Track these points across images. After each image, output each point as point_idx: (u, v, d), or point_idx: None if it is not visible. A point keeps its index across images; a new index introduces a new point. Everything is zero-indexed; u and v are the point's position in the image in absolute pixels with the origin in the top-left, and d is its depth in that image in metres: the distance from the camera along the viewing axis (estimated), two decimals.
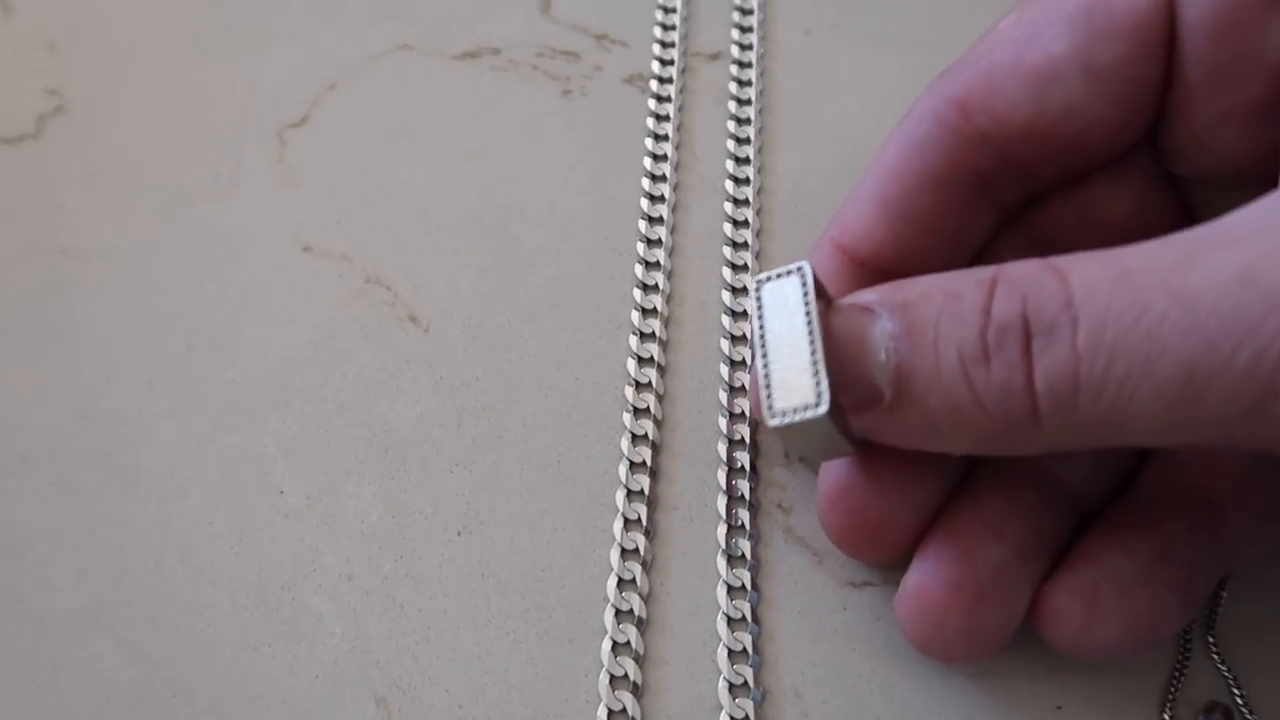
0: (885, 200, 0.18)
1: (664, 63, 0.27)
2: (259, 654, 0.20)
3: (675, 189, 0.25)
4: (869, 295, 0.16)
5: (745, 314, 0.23)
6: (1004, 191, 0.19)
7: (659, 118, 0.26)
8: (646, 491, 0.21)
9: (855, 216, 0.19)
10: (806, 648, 0.20)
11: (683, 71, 0.27)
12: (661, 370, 0.23)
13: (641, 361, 0.23)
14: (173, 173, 0.26)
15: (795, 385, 0.16)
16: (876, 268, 0.19)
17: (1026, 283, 0.15)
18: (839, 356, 0.16)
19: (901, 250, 0.19)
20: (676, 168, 0.25)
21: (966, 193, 0.18)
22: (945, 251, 0.19)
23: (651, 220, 0.25)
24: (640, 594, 0.20)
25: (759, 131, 0.26)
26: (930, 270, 0.17)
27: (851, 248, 0.19)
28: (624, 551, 0.21)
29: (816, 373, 0.16)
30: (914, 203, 0.18)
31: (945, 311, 0.15)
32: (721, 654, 0.20)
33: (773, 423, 0.16)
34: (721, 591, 0.20)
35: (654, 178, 0.25)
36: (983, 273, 0.15)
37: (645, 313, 0.23)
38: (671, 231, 0.25)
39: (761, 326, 0.17)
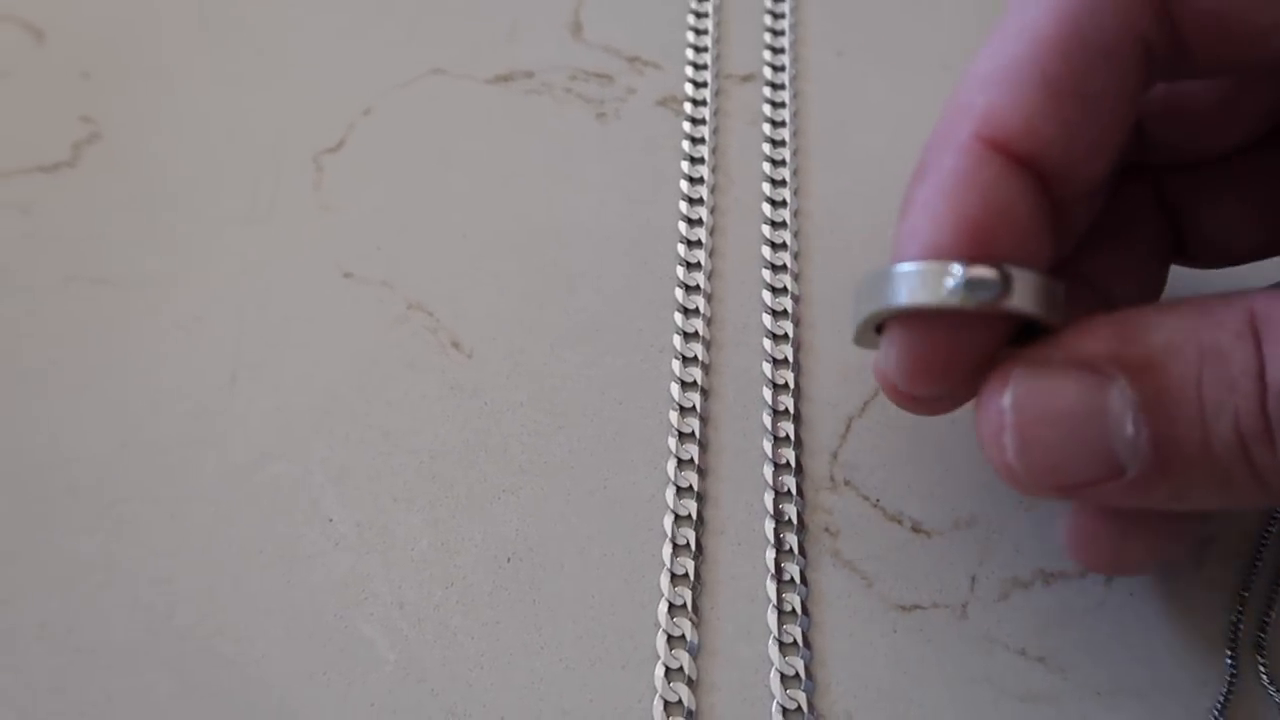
0: (1051, 79, 0.14)
1: (697, 85, 0.27)
2: (313, 683, 0.20)
3: (712, 212, 0.25)
4: (1093, 347, 0.14)
5: (785, 337, 0.24)
6: (1154, 78, 0.16)
7: (694, 140, 0.26)
8: (694, 516, 0.22)
9: (1012, 104, 0.15)
10: (858, 671, 0.20)
11: (716, 93, 0.27)
12: (704, 394, 0.23)
13: (685, 385, 0.23)
14: (211, 200, 0.26)
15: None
16: (1039, 167, 0.15)
17: None
18: (1066, 428, 0.14)
19: (1070, 145, 0.15)
20: (713, 190, 0.26)
21: (1135, 72, 0.15)
22: (1112, 146, 0.16)
23: (690, 244, 0.25)
24: (691, 619, 0.21)
25: (794, 153, 0.26)
26: (1095, 170, 0.15)
27: (1010, 143, 0.15)
28: (673, 576, 0.21)
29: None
30: (1087, 82, 0.14)
31: (1208, 375, 0.13)
32: (774, 679, 0.20)
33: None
34: (772, 616, 0.20)
35: (691, 200, 0.25)
36: (1232, 314, 0.13)
37: (687, 336, 0.24)
38: (710, 254, 0.25)
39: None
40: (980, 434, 0.15)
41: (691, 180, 0.26)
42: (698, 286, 0.24)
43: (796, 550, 0.21)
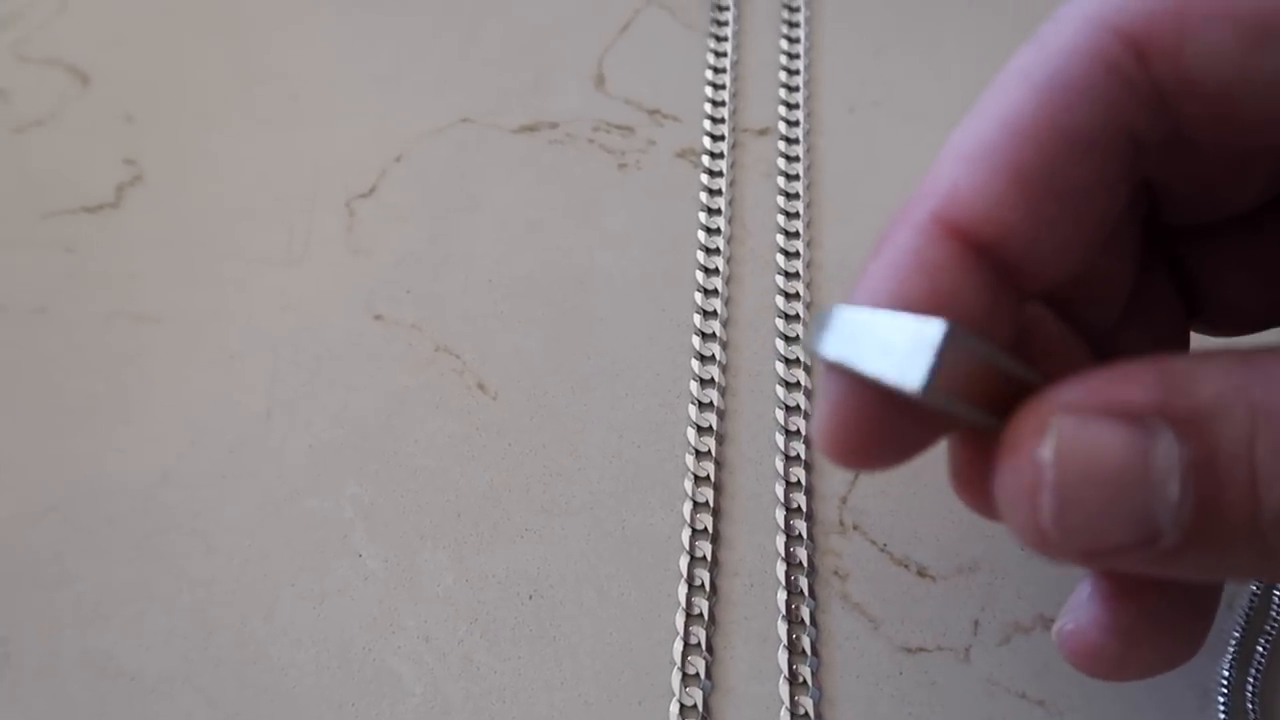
0: (1022, 168, 0.14)
1: (715, 138, 0.28)
2: (343, 713, 0.21)
3: (729, 261, 0.26)
4: (1136, 395, 0.12)
5: (798, 385, 0.25)
6: (1141, 170, 0.15)
7: (711, 192, 0.27)
8: (709, 557, 0.22)
9: (976, 187, 0.14)
10: (865, 711, 0.21)
11: (733, 147, 0.28)
12: (720, 439, 0.24)
13: (700, 430, 0.24)
14: (247, 241, 0.27)
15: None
16: (998, 258, 0.14)
17: None
18: (1110, 488, 0.12)
19: (1035, 239, 0.14)
20: (729, 241, 0.27)
21: (1119, 168, 0.14)
22: (1082, 242, 0.14)
23: (707, 292, 0.26)
24: (705, 658, 0.21)
25: (807, 206, 0.27)
26: (1066, 264, 0.14)
27: (971, 229, 0.14)
28: (688, 616, 0.22)
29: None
30: (1062, 174, 0.14)
31: (1263, 437, 0.11)
32: (784, 717, 0.21)
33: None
34: (783, 656, 0.21)
35: (707, 250, 0.26)
36: None
37: (703, 383, 0.25)
38: (726, 303, 0.26)
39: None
40: (1004, 490, 0.13)
41: (709, 230, 0.27)
42: (714, 334, 0.25)
43: (807, 592, 0.22)
